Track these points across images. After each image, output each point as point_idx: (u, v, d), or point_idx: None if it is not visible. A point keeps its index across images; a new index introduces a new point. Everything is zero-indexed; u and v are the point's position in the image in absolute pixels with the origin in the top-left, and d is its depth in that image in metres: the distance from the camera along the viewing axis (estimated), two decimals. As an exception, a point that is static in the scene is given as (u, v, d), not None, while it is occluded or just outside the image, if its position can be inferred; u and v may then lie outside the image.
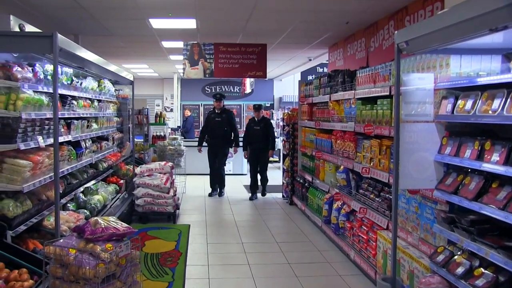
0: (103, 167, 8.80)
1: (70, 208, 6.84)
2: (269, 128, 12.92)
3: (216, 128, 12.86)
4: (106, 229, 4.19)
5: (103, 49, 13.68)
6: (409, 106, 4.77)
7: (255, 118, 12.91)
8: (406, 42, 4.47)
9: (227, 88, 25.01)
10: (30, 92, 4.95)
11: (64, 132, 6.35)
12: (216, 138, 12.89)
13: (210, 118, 13.07)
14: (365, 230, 6.93)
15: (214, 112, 13.00)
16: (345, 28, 10.19)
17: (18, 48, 4.93)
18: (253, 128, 12.79)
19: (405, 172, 4.75)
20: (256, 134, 12.71)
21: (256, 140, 12.74)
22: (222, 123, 12.83)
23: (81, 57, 6.06)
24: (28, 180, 4.93)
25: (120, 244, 4.19)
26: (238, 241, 8.64)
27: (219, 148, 12.96)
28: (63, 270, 4.02)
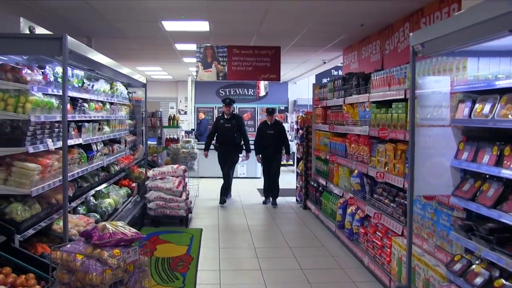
0: (115, 170, 8.74)
1: (81, 211, 6.78)
2: (283, 132, 12.55)
3: (225, 134, 12.41)
4: (114, 234, 4.11)
5: (117, 51, 13.70)
6: (425, 110, 4.64)
7: (268, 122, 12.43)
8: (421, 44, 4.35)
9: (241, 91, 24.91)
10: (39, 94, 4.89)
11: (75, 135, 6.28)
12: (225, 144, 12.45)
13: (219, 124, 12.57)
14: (379, 236, 6.81)
15: (223, 118, 12.53)
16: (360, 30, 10.07)
17: (27, 50, 4.89)
18: (266, 132, 12.36)
19: (421, 177, 4.62)
20: (269, 138, 12.28)
21: (269, 145, 12.30)
22: (231, 129, 12.36)
23: (91, 59, 5.97)
24: (37, 184, 4.86)
25: (128, 250, 4.10)
26: (251, 246, 8.54)
27: (228, 154, 12.50)
28: (69, 276, 3.94)
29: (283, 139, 12.44)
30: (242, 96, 24.93)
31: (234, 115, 12.66)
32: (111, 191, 8.10)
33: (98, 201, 7.35)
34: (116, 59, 14.35)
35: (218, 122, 12.65)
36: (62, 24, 9.61)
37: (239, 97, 24.79)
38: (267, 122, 12.47)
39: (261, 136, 12.53)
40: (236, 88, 24.86)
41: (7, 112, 4.65)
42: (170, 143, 13.91)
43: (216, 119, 13.09)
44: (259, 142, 12.56)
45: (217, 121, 12.79)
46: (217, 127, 12.59)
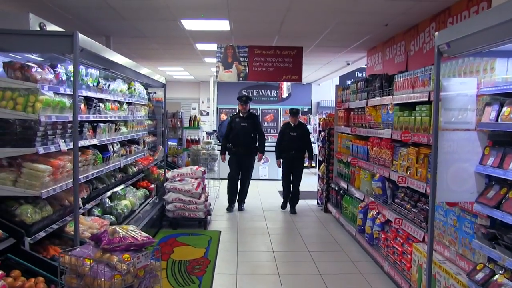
0: (132, 171, 8.66)
1: (96, 213, 6.69)
2: (307, 135, 11.84)
3: (241, 134, 11.48)
4: (124, 238, 3.99)
5: (137, 51, 13.63)
6: (449, 113, 4.45)
7: (291, 123, 11.68)
8: (447, 44, 4.16)
9: (264, 92, 24.76)
10: (50, 93, 4.77)
11: (90, 136, 6.18)
12: (241, 146, 11.52)
13: (234, 123, 11.63)
14: (400, 241, 6.64)
15: (239, 116, 11.63)
16: (384, 30, 9.86)
17: (36, 48, 4.79)
18: (289, 135, 11.59)
19: (443, 183, 4.44)
20: (292, 140, 11.52)
21: (291, 148, 11.51)
22: (248, 128, 11.53)
23: (106, 58, 5.88)
24: (48, 185, 4.76)
25: (138, 254, 3.97)
26: (269, 249, 8.40)
27: (244, 157, 11.61)
28: (78, 281, 3.83)
29: (307, 142, 11.78)
30: (264, 98, 24.82)
31: (250, 114, 11.76)
32: (128, 192, 8.00)
33: (114, 203, 7.25)
34: (137, 59, 14.45)
35: (233, 121, 11.70)
36: (80, 23, 9.52)
37: (261, 98, 24.71)
38: (290, 124, 11.77)
39: (283, 138, 11.76)
40: (259, 89, 24.72)
41: (16, 111, 4.54)
42: (190, 144, 13.89)
43: (231, 118, 12.00)
44: (280, 145, 11.80)
45: (231, 121, 11.79)
46: (231, 127, 11.68)
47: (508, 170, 4.00)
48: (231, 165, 11.72)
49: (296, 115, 11.72)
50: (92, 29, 10.12)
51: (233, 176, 11.71)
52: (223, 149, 11.81)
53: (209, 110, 23.95)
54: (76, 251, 3.97)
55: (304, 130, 11.87)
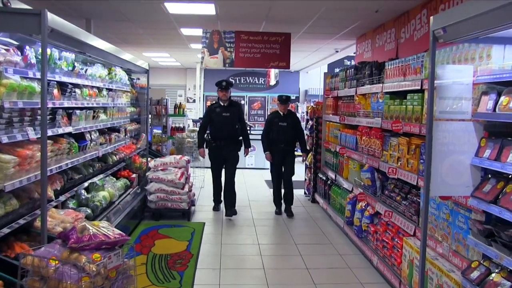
0: (113, 161, 8.35)
1: (70, 206, 6.33)
2: (298, 125, 10.50)
3: (223, 126, 9.94)
4: (95, 236, 3.67)
5: (121, 36, 13.25)
6: (444, 102, 4.16)
7: (280, 112, 10.33)
8: (443, 29, 3.87)
9: (251, 80, 24.51)
10: (16, 77, 4.39)
11: (64, 123, 5.84)
12: (223, 139, 9.97)
13: (214, 113, 10.02)
14: (390, 235, 6.39)
15: (220, 105, 10.07)
16: (374, 17, 9.57)
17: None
18: (278, 125, 10.18)
19: (438, 176, 4.17)
20: (281, 132, 10.16)
21: (281, 140, 10.16)
22: (231, 119, 10.00)
23: (81, 41, 5.54)
24: (13, 177, 4.40)
25: (110, 254, 3.66)
26: (255, 242, 8.14)
27: (228, 152, 10.04)
28: (41, 284, 3.52)
29: (299, 133, 10.46)
30: (252, 85, 24.65)
31: (232, 102, 10.28)
32: (106, 183, 7.66)
33: (91, 194, 6.89)
34: (121, 44, 14.11)
35: (212, 111, 10.10)
36: (60, 5, 9.12)
37: (249, 85, 24.54)
38: (279, 113, 10.36)
39: (271, 129, 10.32)
40: (246, 77, 24.48)
41: (-25, 96, 4.14)
42: (175, 132, 13.63)
43: (209, 107, 10.42)
44: (267, 136, 10.38)
45: (210, 110, 10.20)
46: (211, 118, 10.08)
47: (506, 163, 3.73)
48: (213, 162, 10.26)
49: (286, 102, 10.33)
50: (72, 11, 9.71)
51: (217, 175, 10.34)
52: (200, 142, 10.22)
53: (195, 97, 23.63)
54: (40, 251, 3.65)
55: (295, 119, 10.54)
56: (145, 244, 7.79)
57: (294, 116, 10.71)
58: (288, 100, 10.41)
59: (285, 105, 10.32)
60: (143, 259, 7.03)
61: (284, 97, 10.39)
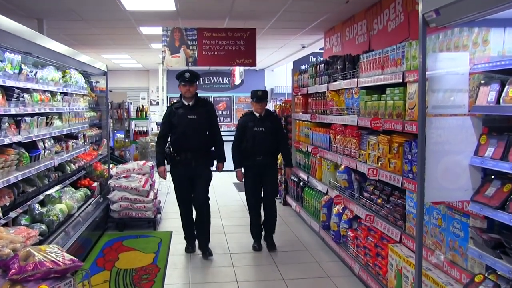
0: (71, 170, 7.76)
1: (23, 222, 5.72)
2: (280, 129, 8.16)
3: (188, 133, 7.32)
4: (41, 264, 3.15)
5: (77, 37, 12.58)
6: (437, 96, 3.69)
7: (256, 113, 7.89)
8: (436, 11, 3.41)
9: (216, 79, 24.07)
10: None
11: (11, 132, 5.25)
12: (189, 150, 7.36)
13: (177, 116, 7.41)
14: (372, 241, 5.93)
15: (183, 105, 7.45)
16: (344, 8, 9.12)
17: None
18: (253, 130, 7.75)
19: (432, 179, 3.71)
20: (258, 139, 7.72)
21: (258, 150, 7.73)
22: (199, 123, 7.39)
23: (27, 40, 5.01)
24: None
25: (59, 284, 3.12)
26: (226, 251, 7.64)
27: (196, 168, 7.42)
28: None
29: (281, 140, 8.02)
30: (217, 85, 24.23)
31: (200, 100, 7.64)
32: (64, 194, 7.06)
33: (46, 208, 6.27)
34: (78, 46, 13.45)
35: (173, 114, 7.49)
36: (6, 3, 8.47)
37: (214, 85, 24.12)
38: (253, 114, 7.94)
39: (244, 137, 7.87)
40: (210, 77, 24.02)
41: None
42: (138, 136, 13.18)
43: (169, 108, 7.72)
44: (239, 147, 7.93)
45: (171, 112, 7.54)
46: (171, 123, 7.47)
47: (516, 163, 3.27)
48: (178, 185, 7.64)
49: (263, 100, 7.87)
50: (21, 11, 9.05)
51: (185, 201, 7.71)
52: (159, 157, 7.59)
53: (158, 100, 23.07)
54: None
55: (276, 122, 8.09)
56: (108, 258, 7.23)
57: (275, 117, 8.30)
58: (265, 96, 7.95)
59: (261, 103, 7.86)
60: (106, 276, 6.49)
61: (260, 92, 7.90)
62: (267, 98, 8.00)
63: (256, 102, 7.84)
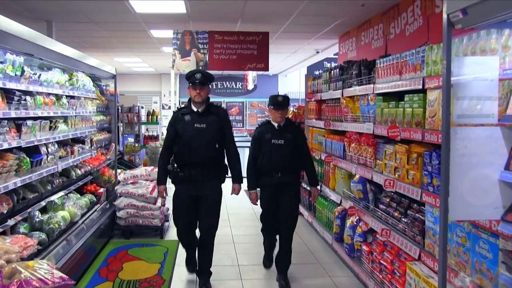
0: (76, 175, 7.53)
1: (21, 230, 5.47)
2: (304, 142, 6.86)
3: (195, 144, 6.07)
4: (27, 282, 2.89)
5: (87, 40, 12.38)
6: (462, 103, 3.38)
7: (275, 122, 6.64)
8: (463, 11, 3.09)
9: (229, 84, 23.84)
10: None
11: (11, 136, 5.01)
12: (195, 165, 6.11)
13: (183, 124, 6.17)
14: (388, 258, 5.62)
15: (191, 111, 6.21)
16: (360, 12, 8.82)
17: None
18: (271, 144, 6.52)
19: (457, 195, 3.38)
20: (277, 153, 6.50)
21: (276, 166, 6.50)
22: (209, 133, 6.14)
23: (21, 39, 4.76)
24: None
25: (47, 305, 2.85)
26: (234, 263, 7.36)
27: (203, 188, 6.18)
28: None
29: (304, 155, 6.80)
30: (229, 90, 24.02)
31: (212, 106, 6.33)
32: (67, 201, 6.79)
33: (48, 215, 6.01)
34: (88, 49, 13.26)
35: (179, 121, 6.24)
36: (16, 6, 8.28)
37: (226, 90, 23.88)
38: (271, 124, 6.68)
39: (260, 151, 6.65)
40: (223, 82, 23.81)
41: None
42: (149, 141, 12.97)
43: (175, 115, 6.43)
44: (255, 163, 6.72)
45: (176, 119, 6.30)
46: (176, 133, 6.24)
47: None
48: (179, 206, 6.36)
49: (283, 106, 6.58)
50: (30, 13, 8.86)
51: (186, 226, 6.42)
52: (160, 174, 6.46)
53: (170, 104, 22.86)
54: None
55: (298, 134, 6.80)
56: (112, 268, 6.97)
57: (296, 128, 6.98)
58: (286, 103, 6.67)
59: (281, 111, 6.56)
60: (109, 287, 6.22)
61: (281, 98, 6.63)
62: (288, 104, 6.75)
63: (274, 109, 6.56)
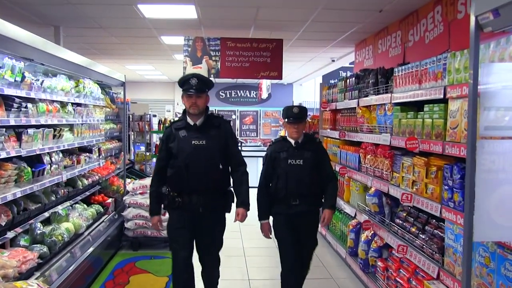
0: (83, 185, 7.32)
1: (22, 243, 5.23)
2: (326, 162, 5.75)
3: (195, 166, 5.10)
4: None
5: (97, 46, 12.18)
6: (491, 114, 3.12)
7: (291, 139, 5.58)
8: (494, 12, 2.83)
9: (243, 93, 23.57)
10: None
11: (10, 145, 4.80)
12: (195, 191, 5.17)
13: (177, 140, 5.19)
14: (405, 276, 5.35)
15: (187, 126, 5.24)
16: (377, 19, 8.54)
17: None
18: (287, 164, 5.48)
19: (483, 214, 3.12)
20: (294, 177, 5.45)
21: (294, 192, 5.46)
22: (209, 151, 5.16)
23: (22, 44, 4.57)
24: None
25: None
26: (244, 277, 7.12)
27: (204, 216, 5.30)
28: None
29: (328, 178, 5.66)
30: (243, 98, 23.74)
31: (212, 118, 5.36)
32: (72, 212, 6.56)
33: (51, 227, 5.74)
34: (99, 56, 13.09)
35: (172, 138, 5.24)
36: (23, 11, 8.10)
37: (240, 99, 23.61)
38: (287, 141, 5.63)
39: (274, 173, 5.62)
40: (237, 90, 23.56)
41: None
42: (160, 150, 12.71)
43: (168, 130, 5.43)
44: (267, 189, 5.82)
45: (169, 136, 5.30)
46: (170, 153, 5.25)
47: None
48: (175, 237, 5.43)
49: (300, 120, 5.50)
50: (37, 18, 8.65)
51: (182, 259, 5.42)
52: (153, 202, 5.49)
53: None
54: None
55: (319, 151, 5.71)
56: (118, 281, 6.76)
57: (317, 145, 5.78)
58: (304, 114, 5.60)
59: (299, 124, 5.49)
60: (114, 302, 6.00)
61: (296, 109, 5.53)
62: (306, 117, 5.65)
63: (290, 123, 5.48)
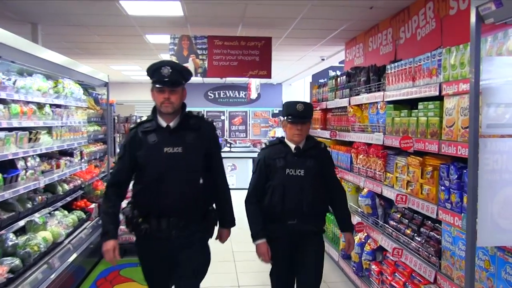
0: (64, 190, 7.01)
1: (-8, 256, 4.94)
2: (331, 170, 4.92)
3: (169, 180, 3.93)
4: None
5: (79, 45, 11.79)
6: (493, 112, 2.89)
7: (292, 142, 4.62)
8: (497, 2, 2.61)
9: (232, 93, 23.29)
10: None
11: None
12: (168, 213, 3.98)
13: (145, 147, 4.00)
14: (401, 280, 5.14)
15: (158, 127, 4.07)
16: (367, 16, 8.30)
17: None
18: (284, 175, 4.50)
19: (486, 218, 2.89)
20: (293, 190, 4.48)
21: (292, 208, 4.50)
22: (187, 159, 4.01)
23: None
24: None
25: None
26: (234, 283, 6.88)
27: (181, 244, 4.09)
28: None
29: (336, 191, 4.88)
30: (232, 99, 23.47)
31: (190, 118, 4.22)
32: (50, 219, 6.23)
33: (26, 237, 5.40)
34: (82, 55, 12.74)
35: (139, 144, 4.04)
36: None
37: (229, 99, 23.33)
38: (285, 145, 4.67)
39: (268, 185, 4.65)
40: (226, 90, 23.29)
41: None
42: (146, 153, 12.43)
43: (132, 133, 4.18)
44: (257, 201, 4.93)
45: (135, 141, 4.08)
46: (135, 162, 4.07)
47: None
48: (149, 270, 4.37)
49: (304, 120, 4.58)
50: (13, 14, 8.21)
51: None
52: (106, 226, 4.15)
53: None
54: None
55: (325, 159, 4.78)
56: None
57: (322, 151, 4.77)
58: (309, 113, 4.72)
59: (302, 125, 4.55)
60: (97, 314, 5.72)
61: (301, 106, 4.53)
62: (312, 115, 4.87)
63: (292, 123, 4.55)
